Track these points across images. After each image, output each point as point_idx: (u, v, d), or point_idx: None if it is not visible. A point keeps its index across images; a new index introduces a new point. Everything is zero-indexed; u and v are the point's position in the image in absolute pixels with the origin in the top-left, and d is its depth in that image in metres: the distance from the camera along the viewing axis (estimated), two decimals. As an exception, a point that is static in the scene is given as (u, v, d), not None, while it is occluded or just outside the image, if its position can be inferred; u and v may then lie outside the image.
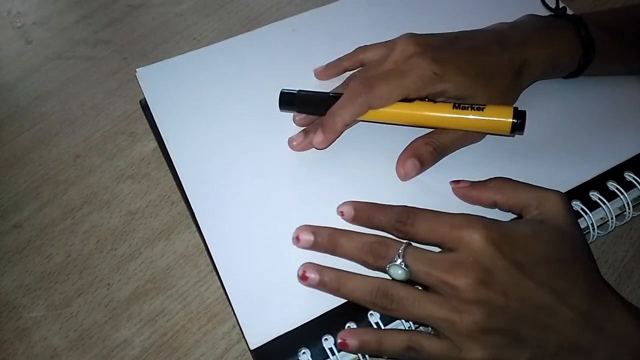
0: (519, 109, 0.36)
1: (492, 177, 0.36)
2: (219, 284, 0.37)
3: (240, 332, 0.36)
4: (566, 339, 0.30)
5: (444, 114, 0.37)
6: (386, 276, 0.32)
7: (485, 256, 0.30)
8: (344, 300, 0.34)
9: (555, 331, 0.30)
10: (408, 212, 0.33)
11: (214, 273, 0.39)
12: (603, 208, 0.39)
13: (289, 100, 0.40)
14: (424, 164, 0.38)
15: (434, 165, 0.39)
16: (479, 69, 0.37)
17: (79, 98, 0.50)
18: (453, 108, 0.37)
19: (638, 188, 0.40)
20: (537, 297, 0.30)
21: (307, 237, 0.34)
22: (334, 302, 0.34)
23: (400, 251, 0.31)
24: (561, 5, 0.44)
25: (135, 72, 0.46)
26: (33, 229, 0.42)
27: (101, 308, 0.39)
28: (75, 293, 0.39)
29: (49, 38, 0.55)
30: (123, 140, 0.47)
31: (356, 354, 0.33)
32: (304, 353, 0.33)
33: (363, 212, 0.35)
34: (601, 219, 0.39)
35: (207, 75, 0.45)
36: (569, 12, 0.44)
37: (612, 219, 0.39)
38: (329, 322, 0.34)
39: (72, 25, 0.56)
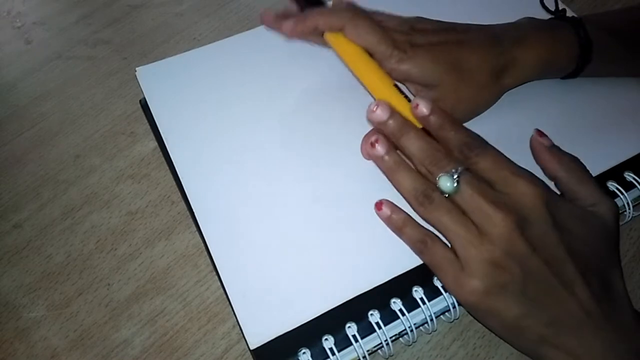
0: None
1: (571, 154, 0.35)
2: (219, 284, 0.37)
3: (240, 332, 0.36)
4: (568, 317, 0.30)
5: (383, 85, 0.37)
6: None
7: (531, 209, 0.31)
8: (344, 300, 0.34)
9: (562, 305, 0.30)
10: (480, 141, 0.33)
11: (214, 273, 0.39)
12: (603, 208, 0.39)
13: None
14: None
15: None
16: (455, 60, 0.37)
17: (79, 98, 0.50)
18: (393, 85, 0.37)
19: (638, 188, 0.40)
20: (561, 266, 0.30)
21: (383, 112, 0.34)
22: (334, 301, 0.34)
23: (458, 168, 0.32)
24: (561, 7, 0.44)
25: (135, 71, 0.46)
26: (33, 229, 0.42)
27: (101, 308, 0.39)
28: (75, 293, 0.39)
29: (49, 38, 0.55)
30: (123, 140, 0.47)
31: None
32: (304, 353, 0.33)
33: (439, 114, 0.34)
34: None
35: (207, 74, 0.45)
36: (569, 14, 0.44)
37: (612, 219, 0.39)
38: (329, 322, 0.34)
39: (72, 25, 0.56)
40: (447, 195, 0.32)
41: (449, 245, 0.32)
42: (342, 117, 0.42)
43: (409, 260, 0.35)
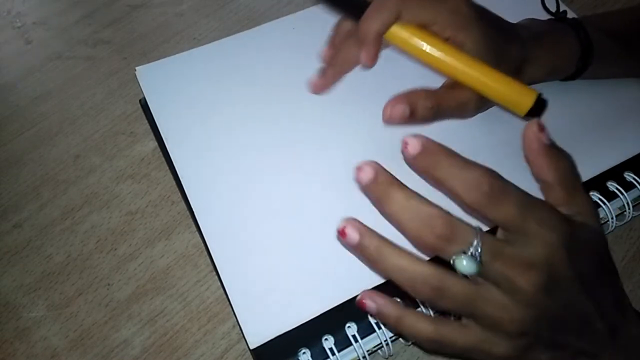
0: (544, 99, 0.36)
1: (566, 152, 0.30)
2: (219, 284, 0.37)
3: (240, 332, 0.36)
4: (588, 346, 0.29)
5: (478, 67, 0.35)
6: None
7: (558, 262, 0.27)
8: (344, 300, 0.34)
9: (584, 338, 0.29)
10: (500, 182, 0.26)
11: (214, 273, 0.39)
12: (603, 208, 0.39)
13: None
14: (414, 117, 0.35)
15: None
16: (495, 44, 0.36)
17: (79, 98, 0.50)
18: (488, 66, 0.35)
19: (638, 188, 0.40)
20: (583, 308, 0.29)
21: (367, 174, 0.27)
22: (334, 301, 0.34)
23: (476, 239, 0.25)
24: (562, 8, 0.44)
25: (135, 71, 0.46)
26: (33, 229, 0.42)
27: (101, 308, 0.39)
28: (75, 293, 0.39)
29: (49, 38, 0.55)
30: (123, 140, 0.47)
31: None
32: (304, 353, 0.33)
33: (433, 152, 0.26)
34: (601, 218, 0.39)
35: (207, 73, 0.45)
36: (570, 15, 0.44)
37: (612, 219, 0.39)
38: (329, 322, 0.34)
39: (72, 25, 0.56)
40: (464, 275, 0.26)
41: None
42: (343, 117, 0.42)
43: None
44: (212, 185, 0.39)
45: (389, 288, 0.29)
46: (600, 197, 0.39)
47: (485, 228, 0.27)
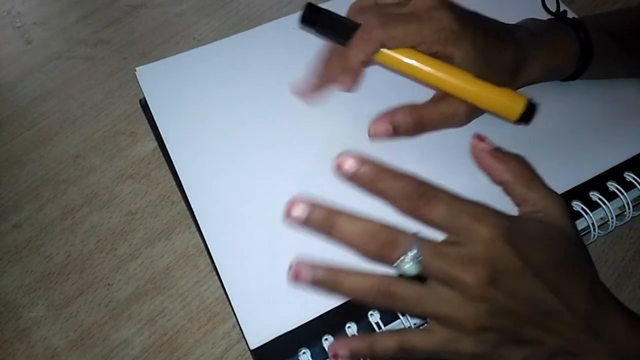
0: (534, 104, 0.36)
1: (515, 153, 0.33)
2: (219, 284, 0.37)
3: (240, 332, 0.36)
4: (565, 342, 0.30)
5: (464, 79, 0.36)
6: (385, 269, 0.30)
7: (500, 255, 0.29)
8: (344, 301, 0.34)
9: (555, 334, 0.30)
10: (426, 188, 0.29)
11: (214, 273, 0.39)
12: (603, 208, 0.39)
13: (313, 18, 0.37)
14: (397, 133, 0.37)
15: (434, 157, 0.39)
16: (487, 49, 0.36)
17: (79, 98, 0.50)
18: (474, 77, 0.36)
19: (638, 188, 0.40)
20: (543, 300, 0.29)
21: (300, 211, 0.30)
22: (334, 301, 0.34)
23: (414, 243, 0.28)
24: (562, 8, 0.44)
25: (135, 71, 0.46)
26: (33, 229, 0.42)
27: (101, 308, 0.39)
28: (75, 293, 0.39)
29: (49, 38, 0.55)
30: (123, 140, 0.47)
31: None
32: (304, 353, 0.33)
33: (369, 170, 0.29)
34: (601, 219, 0.39)
35: (206, 73, 0.45)
36: (569, 15, 0.44)
37: (612, 219, 0.39)
38: (329, 322, 0.34)
39: (72, 25, 0.56)
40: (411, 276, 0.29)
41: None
42: (343, 117, 0.42)
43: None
44: (212, 185, 0.39)
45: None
46: (600, 197, 0.39)
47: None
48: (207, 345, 0.37)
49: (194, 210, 0.39)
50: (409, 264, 0.28)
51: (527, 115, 0.36)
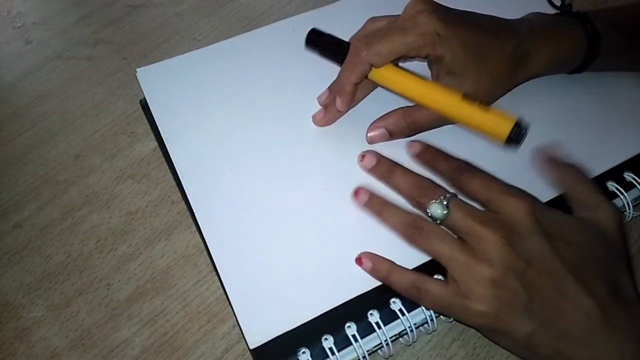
0: (522, 125, 0.36)
1: (572, 163, 0.36)
2: (219, 284, 0.37)
3: (240, 332, 0.36)
4: (576, 328, 0.29)
5: (451, 102, 0.37)
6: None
7: (522, 224, 0.31)
8: (343, 300, 0.34)
9: (567, 317, 0.29)
10: (467, 166, 0.34)
11: (214, 273, 0.39)
12: (603, 208, 0.39)
13: (315, 40, 0.40)
14: (393, 136, 0.40)
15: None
16: (479, 46, 0.37)
17: (79, 98, 0.50)
18: (462, 98, 0.37)
19: (638, 188, 0.40)
20: (560, 277, 0.30)
21: (370, 160, 0.37)
22: (333, 302, 0.34)
23: (446, 194, 0.33)
24: (567, 2, 0.44)
25: (135, 72, 0.46)
26: (33, 229, 0.42)
27: (101, 308, 0.39)
28: (75, 293, 0.39)
29: (49, 38, 0.55)
30: (123, 140, 0.47)
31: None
32: (303, 353, 0.33)
33: (429, 154, 0.36)
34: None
35: (207, 75, 0.45)
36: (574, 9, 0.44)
37: (612, 219, 0.39)
38: (328, 322, 0.34)
39: (72, 25, 0.56)
40: (438, 222, 0.32)
41: (443, 274, 0.32)
42: (343, 117, 0.42)
43: (409, 260, 0.35)
44: (212, 185, 0.39)
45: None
46: (600, 197, 0.39)
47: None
48: (207, 345, 0.37)
49: (194, 210, 0.39)
50: (435, 205, 0.32)
51: (516, 138, 0.36)
